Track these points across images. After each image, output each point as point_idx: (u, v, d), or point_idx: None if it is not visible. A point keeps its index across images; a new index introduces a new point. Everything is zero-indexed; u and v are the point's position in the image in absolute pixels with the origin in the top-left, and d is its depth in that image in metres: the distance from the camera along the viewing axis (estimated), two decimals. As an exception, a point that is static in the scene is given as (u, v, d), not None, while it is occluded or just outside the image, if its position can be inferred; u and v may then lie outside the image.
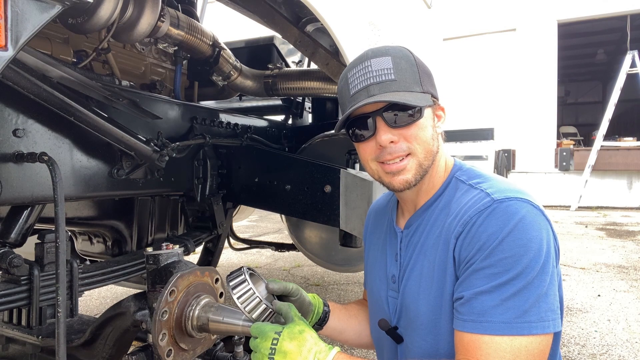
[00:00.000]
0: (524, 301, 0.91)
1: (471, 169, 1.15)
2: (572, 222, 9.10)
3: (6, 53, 0.84)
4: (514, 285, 0.91)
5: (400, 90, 1.04)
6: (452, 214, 1.06)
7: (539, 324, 0.90)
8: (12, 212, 1.56)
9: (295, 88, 2.73)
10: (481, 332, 0.92)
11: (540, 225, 0.96)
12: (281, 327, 1.01)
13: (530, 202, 0.99)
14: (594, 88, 19.53)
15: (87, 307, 3.72)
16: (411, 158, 1.07)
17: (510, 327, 0.90)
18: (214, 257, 2.66)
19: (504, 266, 0.92)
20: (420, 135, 1.06)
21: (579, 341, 3.08)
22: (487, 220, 0.97)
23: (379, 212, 1.38)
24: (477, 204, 1.01)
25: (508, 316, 0.90)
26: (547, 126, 12.71)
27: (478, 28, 13.28)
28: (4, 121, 1.35)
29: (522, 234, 0.93)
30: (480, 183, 1.07)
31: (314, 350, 0.97)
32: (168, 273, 1.23)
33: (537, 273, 0.92)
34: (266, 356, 0.97)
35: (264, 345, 0.99)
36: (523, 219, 0.95)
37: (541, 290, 0.92)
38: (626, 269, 5.07)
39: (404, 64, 1.07)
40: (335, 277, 4.63)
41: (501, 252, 0.93)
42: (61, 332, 1.16)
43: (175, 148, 1.90)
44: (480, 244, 0.96)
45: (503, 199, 0.98)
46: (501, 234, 0.94)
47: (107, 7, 1.55)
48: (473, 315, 0.94)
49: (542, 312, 0.91)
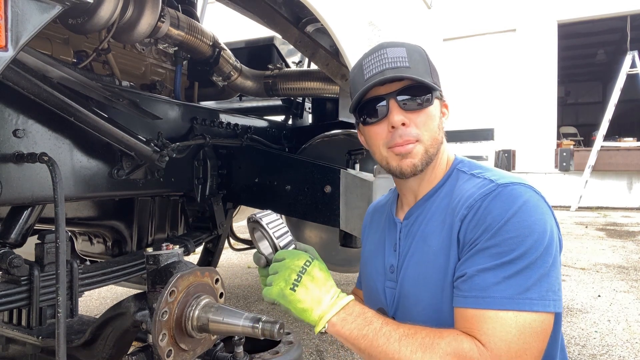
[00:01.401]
0: (526, 279, 0.92)
1: (472, 162, 1.19)
2: (572, 223, 9.10)
3: (6, 53, 0.84)
4: (517, 264, 0.93)
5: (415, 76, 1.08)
6: (455, 199, 1.08)
7: (540, 302, 0.92)
8: (12, 212, 1.56)
9: (295, 88, 2.73)
10: (485, 307, 0.93)
11: (544, 210, 0.99)
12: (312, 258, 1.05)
13: (533, 188, 1.02)
14: (594, 88, 19.52)
15: (87, 308, 3.72)
16: (418, 144, 1.10)
17: (513, 302, 0.91)
18: (214, 258, 2.65)
19: (509, 245, 0.94)
20: (429, 123, 1.11)
21: (579, 342, 3.08)
22: (492, 203, 0.99)
23: (378, 210, 1.41)
24: (482, 188, 1.03)
25: (510, 292, 0.92)
26: (547, 126, 12.71)
27: (478, 28, 13.28)
28: (4, 121, 1.35)
29: (527, 215, 0.96)
30: (482, 172, 1.10)
31: (334, 290, 1.03)
32: (168, 273, 1.23)
33: (541, 254, 0.94)
34: (295, 272, 1.01)
35: (295, 263, 1.02)
36: (527, 202, 0.97)
37: (543, 271, 0.93)
38: (626, 270, 5.07)
39: (417, 56, 1.12)
40: (335, 277, 4.64)
41: (506, 232, 0.95)
42: (61, 332, 1.16)
43: (175, 148, 1.90)
44: (485, 225, 0.97)
45: (507, 183, 1.01)
46: (506, 215, 0.96)
47: (107, 7, 1.55)
48: (475, 292, 0.95)
49: (543, 291, 0.92)
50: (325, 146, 2.65)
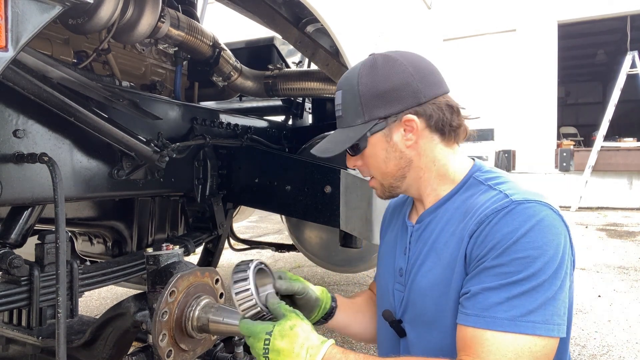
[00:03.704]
0: (531, 302, 0.90)
1: (491, 170, 1.16)
2: (572, 223, 9.10)
3: (6, 54, 0.84)
4: (522, 285, 0.91)
5: (344, 127, 1.15)
6: (469, 213, 1.05)
7: (543, 326, 0.89)
8: (13, 212, 1.56)
9: (295, 89, 2.73)
10: (484, 327, 0.91)
11: (559, 230, 0.96)
12: (272, 326, 1.00)
13: (550, 206, 0.98)
14: (594, 89, 19.51)
15: (87, 308, 3.72)
16: (374, 180, 1.21)
17: (514, 325, 0.89)
18: (214, 258, 2.65)
19: (516, 266, 0.92)
20: (371, 162, 1.17)
21: (579, 342, 3.08)
22: (503, 220, 0.96)
23: (397, 207, 1.39)
24: (495, 203, 1.00)
25: (512, 314, 0.90)
26: (547, 127, 12.70)
27: (478, 29, 13.27)
28: (5, 122, 1.35)
29: (539, 236, 0.93)
30: (499, 184, 1.07)
31: (306, 346, 0.97)
32: (168, 274, 1.23)
33: (549, 277, 0.91)
34: (261, 356, 0.99)
35: (257, 345, 0.99)
36: (541, 222, 0.94)
37: (550, 294, 0.91)
38: (626, 270, 5.07)
39: (349, 98, 1.15)
40: (336, 277, 4.63)
41: (515, 252, 0.92)
42: (61, 332, 1.16)
43: (175, 149, 1.90)
44: (494, 242, 0.95)
45: (522, 200, 0.97)
46: (517, 234, 0.93)
47: (108, 7, 1.55)
48: (476, 310, 0.93)
49: (547, 315, 0.90)
50: (325, 146, 2.65)
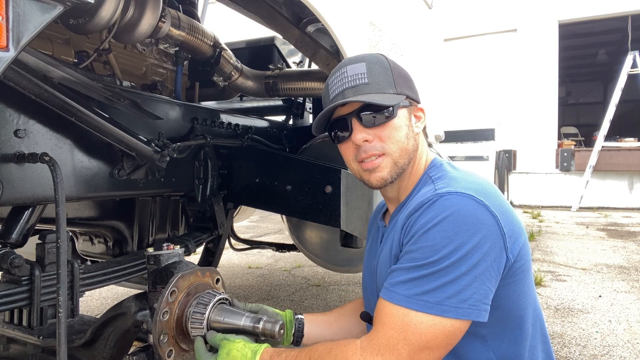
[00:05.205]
0: (428, 284, 0.97)
1: (442, 166, 1.19)
2: (573, 223, 9.09)
3: (7, 54, 0.84)
4: (425, 269, 0.98)
5: (373, 92, 1.12)
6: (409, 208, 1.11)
7: (435, 306, 0.96)
8: (13, 212, 1.56)
9: (296, 88, 2.73)
10: (388, 299, 1.02)
11: (479, 220, 0.99)
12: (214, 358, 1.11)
13: (475, 198, 1.01)
14: (595, 88, 19.50)
15: (88, 308, 3.73)
16: (385, 157, 1.14)
17: (408, 301, 0.98)
18: (215, 258, 2.65)
19: (422, 253, 1.00)
20: (394, 135, 1.13)
21: (579, 342, 3.08)
22: (425, 212, 1.03)
23: (377, 212, 1.44)
24: (423, 197, 1.07)
25: (410, 292, 0.99)
26: (548, 127, 12.70)
27: (479, 28, 13.27)
28: (6, 122, 1.35)
29: (450, 226, 0.98)
30: (438, 180, 1.12)
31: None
32: (169, 273, 1.23)
33: (452, 262, 0.97)
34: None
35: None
36: (456, 212, 0.99)
37: (449, 279, 0.97)
38: (627, 270, 5.07)
39: (378, 68, 1.14)
40: (336, 277, 4.63)
41: (425, 240, 1.00)
42: (62, 332, 1.16)
43: (176, 148, 1.90)
44: (413, 232, 1.03)
45: (444, 193, 1.03)
46: (430, 224, 1.00)
47: (108, 7, 1.55)
48: (387, 285, 1.04)
49: (443, 297, 0.96)
50: (326, 146, 2.65)
